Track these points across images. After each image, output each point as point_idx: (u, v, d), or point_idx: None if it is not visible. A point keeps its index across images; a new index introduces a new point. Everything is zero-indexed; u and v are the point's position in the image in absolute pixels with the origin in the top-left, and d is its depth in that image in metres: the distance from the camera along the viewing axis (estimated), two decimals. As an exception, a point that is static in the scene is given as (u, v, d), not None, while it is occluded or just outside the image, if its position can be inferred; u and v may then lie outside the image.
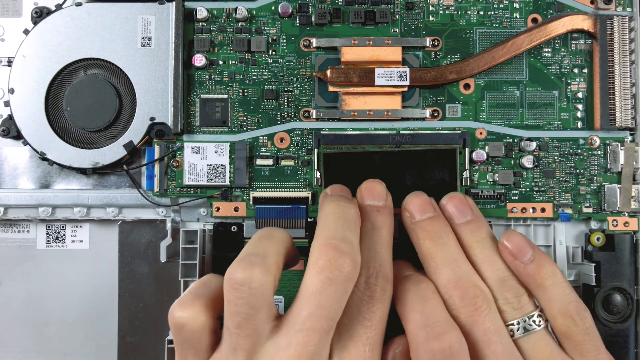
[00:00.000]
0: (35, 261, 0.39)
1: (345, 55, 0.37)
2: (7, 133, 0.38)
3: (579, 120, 0.38)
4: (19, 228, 0.39)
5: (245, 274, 0.25)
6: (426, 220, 0.30)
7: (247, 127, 0.38)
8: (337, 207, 0.29)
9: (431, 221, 0.30)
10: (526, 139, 0.37)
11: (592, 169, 0.37)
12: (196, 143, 0.37)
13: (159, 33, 0.37)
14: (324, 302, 0.25)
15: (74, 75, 0.37)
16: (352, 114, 0.37)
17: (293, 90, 0.38)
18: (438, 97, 0.38)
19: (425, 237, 0.30)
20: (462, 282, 0.28)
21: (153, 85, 0.37)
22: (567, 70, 0.38)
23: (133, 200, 0.38)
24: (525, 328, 0.28)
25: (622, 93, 0.37)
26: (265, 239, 0.28)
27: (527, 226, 0.38)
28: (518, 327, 0.28)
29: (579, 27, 0.37)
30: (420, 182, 0.36)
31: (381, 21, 0.38)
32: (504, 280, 0.29)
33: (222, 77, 0.38)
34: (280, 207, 0.36)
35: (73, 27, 0.37)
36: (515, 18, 0.38)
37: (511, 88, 0.38)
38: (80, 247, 0.39)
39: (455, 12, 0.38)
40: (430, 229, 0.30)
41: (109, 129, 0.37)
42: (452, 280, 0.28)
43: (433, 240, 0.29)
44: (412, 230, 0.31)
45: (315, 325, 0.25)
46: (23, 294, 0.39)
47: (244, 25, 0.38)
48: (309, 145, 0.37)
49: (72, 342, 0.39)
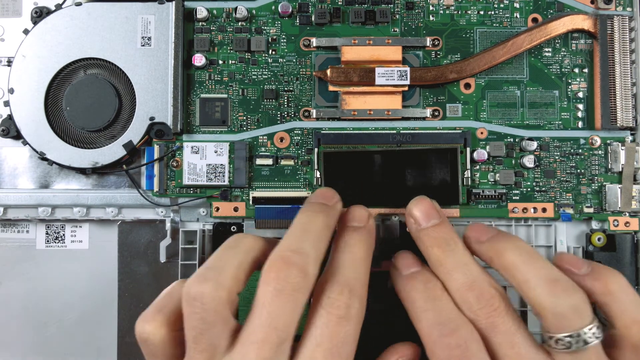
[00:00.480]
0: (35, 261, 0.39)
1: (345, 55, 0.37)
2: (6, 133, 0.38)
3: (580, 120, 0.38)
4: (18, 228, 0.39)
5: (198, 289, 0.25)
6: (432, 228, 0.30)
7: (246, 127, 0.38)
8: (304, 217, 0.28)
9: (437, 228, 0.30)
10: (527, 139, 0.37)
11: (593, 169, 0.37)
12: (196, 143, 0.37)
13: (158, 33, 0.37)
14: (273, 314, 0.25)
15: (73, 75, 0.37)
16: (352, 114, 0.37)
17: (293, 89, 0.38)
18: (438, 96, 0.38)
19: (433, 245, 0.29)
20: (476, 284, 0.28)
21: (153, 85, 0.37)
22: (568, 70, 0.38)
23: (132, 200, 0.38)
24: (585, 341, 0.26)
25: (622, 93, 0.37)
26: (229, 249, 0.28)
27: (528, 226, 0.37)
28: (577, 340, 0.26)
29: (579, 27, 0.37)
30: (420, 182, 0.36)
31: (381, 21, 0.37)
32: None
33: (222, 76, 0.38)
34: (280, 207, 0.36)
35: (73, 27, 0.37)
36: (516, 18, 0.38)
37: (512, 88, 0.38)
38: (80, 247, 0.39)
39: (455, 11, 0.38)
40: (437, 235, 0.30)
41: (109, 128, 0.37)
42: (465, 284, 0.28)
43: (441, 247, 0.29)
44: (419, 238, 0.30)
45: (266, 337, 0.24)
46: (23, 294, 0.39)
47: (244, 25, 0.38)
48: (309, 144, 0.37)
49: (72, 342, 0.39)
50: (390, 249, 0.37)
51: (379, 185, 0.36)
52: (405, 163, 0.36)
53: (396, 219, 0.37)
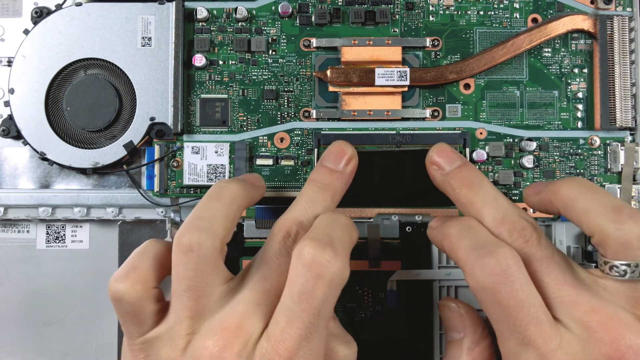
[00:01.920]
0: (35, 261, 0.39)
1: (345, 55, 0.37)
2: (7, 133, 0.38)
3: (579, 120, 0.38)
4: (19, 228, 0.39)
5: (193, 238, 0.25)
6: (457, 169, 0.30)
7: (247, 127, 0.38)
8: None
9: (462, 169, 0.30)
10: (526, 139, 0.37)
11: (592, 169, 0.37)
12: (196, 143, 0.37)
13: (159, 33, 0.37)
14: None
15: (74, 75, 0.37)
16: (352, 114, 0.37)
17: (293, 90, 0.38)
18: (438, 97, 0.38)
19: (461, 186, 0.29)
20: (507, 217, 0.27)
21: (153, 85, 0.37)
22: (567, 70, 0.38)
23: (133, 200, 0.38)
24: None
25: (622, 93, 0.37)
26: (215, 200, 0.28)
27: (527, 226, 0.38)
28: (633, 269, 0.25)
29: (579, 27, 0.37)
30: (420, 182, 0.36)
31: (381, 21, 0.38)
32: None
33: (222, 77, 0.38)
34: (280, 207, 0.36)
35: (73, 27, 0.37)
36: (515, 18, 0.38)
37: (511, 88, 0.38)
38: (80, 247, 0.39)
39: (455, 12, 0.38)
40: (463, 176, 0.30)
41: (109, 129, 0.37)
42: (497, 219, 0.27)
43: (469, 186, 0.29)
44: (445, 182, 0.30)
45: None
46: (23, 294, 0.39)
47: (244, 25, 0.38)
48: (309, 145, 0.37)
49: (72, 342, 0.39)
50: (391, 249, 0.37)
51: (379, 185, 0.36)
52: (405, 163, 0.36)
53: (396, 219, 0.37)
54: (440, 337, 0.37)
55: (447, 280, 0.37)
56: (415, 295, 0.37)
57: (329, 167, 0.31)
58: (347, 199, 0.36)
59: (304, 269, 0.24)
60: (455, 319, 0.30)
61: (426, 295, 0.37)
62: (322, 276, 0.24)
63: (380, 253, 0.37)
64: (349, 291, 0.37)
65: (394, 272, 0.37)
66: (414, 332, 0.37)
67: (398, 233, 0.37)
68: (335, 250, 0.25)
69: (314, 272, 0.24)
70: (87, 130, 0.37)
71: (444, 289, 0.37)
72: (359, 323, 0.37)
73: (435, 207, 0.36)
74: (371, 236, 0.37)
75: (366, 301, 0.37)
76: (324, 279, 0.24)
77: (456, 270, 0.37)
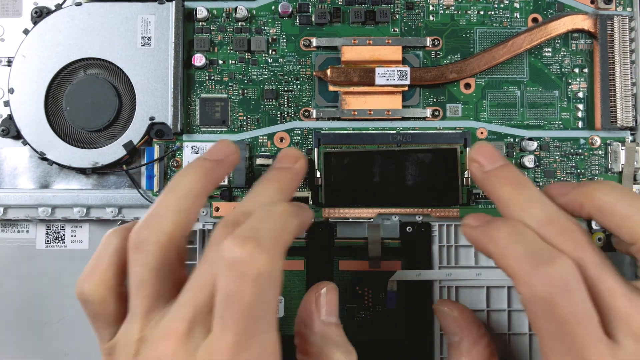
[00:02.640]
0: (35, 261, 0.39)
1: (345, 55, 0.37)
2: (6, 133, 0.38)
3: (580, 120, 0.38)
4: (18, 228, 0.39)
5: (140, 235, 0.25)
6: (500, 168, 0.29)
7: (247, 127, 0.38)
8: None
9: (505, 168, 0.28)
10: (527, 139, 0.37)
11: (593, 169, 0.37)
12: (196, 143, 0.37)
13: (158, 33, 0.37)
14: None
15: (73, 75, 0.37)
16: (352, 114, 0.37)
17: (293, 89, 0.38)
18: (439, 96, 0.38)
19: (504, 183, 0.28)
20: (554, 218, 0.26)
21: (153, 85, 0.37)
22: (568, 70, 0.38)
23: (132, 200, 0.38)
24: None
25: (622, 93, 0.37)
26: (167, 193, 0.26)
27: (528, 226, 0.37)
28: None
29: (580, 27, 0.37)
30: (420, 182, 0.36)
31: (381, 21, 0.37)
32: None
33: (222, 76, 0.38)
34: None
35: (73, 27, 0.37)
36: (516, 18, 0.38)
37: (512, 88, 0.38)
38: (80, 247, 0.39)
39: (455, 11, 0.38)
40: (506, 175, 0.28)
41: (109, 128, 0.37)
42: (544, 219, 0.25)
43: (512, 184, 0.27)
44: (486, 179, 0.29)
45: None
46: (23, 294, 0.39)
47: (244, 25, 0.38)
48: (309, 145, 0.37)
49: (72, 342, 0.39)
50: (391, 249, 0.37)
51: (379, 185, 0.36)
52: (405, 163, 0.36)
53: (396, 219, 0.37)
54: (440, 337, 0.36)
55: (448, 281, 0.37)
56: (416, 296, 0.37)
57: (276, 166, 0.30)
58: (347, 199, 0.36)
59: (225, 269, 0.22)
60: (450, 322, 0.30)
61: (426, 295, 0.37)
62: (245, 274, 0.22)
63: (381, 253, 0.37)
64: (349, 291, 0.37)
65: (394, 273, 0.37)
66: (414, 332, 0.37)
67: (398, 233, 0.37)
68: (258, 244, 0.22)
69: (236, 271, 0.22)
70: (87, 130, 0.37)
71: (445, 290, 0.37)
72: (359, 323, 0.37)
73: (436, 207, 0.36)
74: (371, 236, 0.37)
75: (366, 301, 0.37)
76: (247, 276, 0.22)
77: (457, 270, 0.37)
